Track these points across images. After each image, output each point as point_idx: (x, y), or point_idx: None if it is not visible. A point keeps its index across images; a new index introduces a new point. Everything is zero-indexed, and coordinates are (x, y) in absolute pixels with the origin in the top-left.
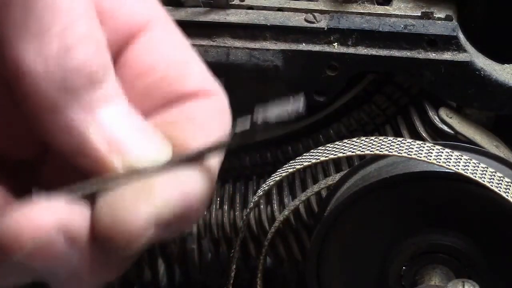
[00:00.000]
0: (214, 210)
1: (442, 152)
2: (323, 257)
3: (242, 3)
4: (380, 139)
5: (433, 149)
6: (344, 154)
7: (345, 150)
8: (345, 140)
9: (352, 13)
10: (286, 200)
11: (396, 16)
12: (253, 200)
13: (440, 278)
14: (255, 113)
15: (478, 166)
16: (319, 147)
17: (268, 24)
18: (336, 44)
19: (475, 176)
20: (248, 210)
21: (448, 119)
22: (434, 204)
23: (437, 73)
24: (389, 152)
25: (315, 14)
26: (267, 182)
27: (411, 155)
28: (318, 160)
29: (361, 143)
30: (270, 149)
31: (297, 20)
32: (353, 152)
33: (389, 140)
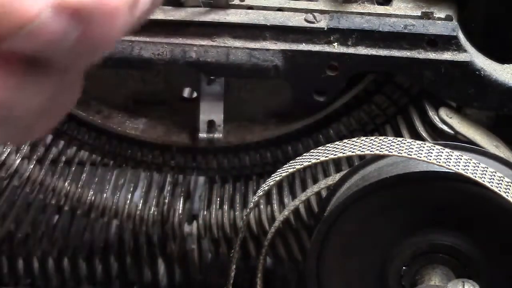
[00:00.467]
0: (214, 210)
1: (442, 152)
2: (323, 257)
3: (242, 3)
4: (380, 139)
5: (433, 149)
6: (344, 154)
7: (345, 150)
8: (345, 140)
9: (352, 13)
10: (286, 200)
11: (396, 16)
12: (253, 200)
13: (440, 278)
14: None
15: (478, 166)
16: (319, 147)
17: (268, 24)
18: (336, 44)
19: (475, 176)
20: (248, 210)
21: (448, 119)
22: (434, 204)
23: (437, 73)
24: (389, 152)
25: (315, 14)
26: (267, 182)
27: (411, 155)
28: (318, 160)
29: (361, 143)
30: (270, 149)
31: (297, 20)
32: (353, 152)
33: (389, 140)
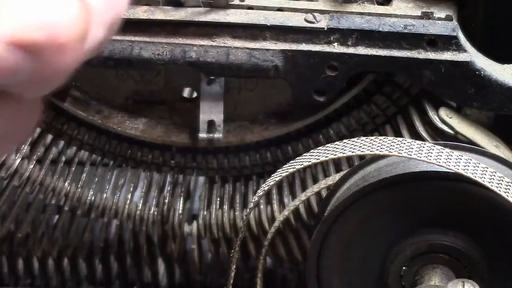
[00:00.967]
0: (214, 210)
1: (442, 152)
2: (323, 257)
3: (242, 3)
4: (380, 139)
5: (433, 149)
6: (344, 154)
7: (345, 150)
8: (345, 140)
9: (352, 13)
10: (286, 200)
11: (396, 16)
12: (253, 200)
13: (440, 278)
14: None
15: (478, 166)
16: (319, 147)
17: (268, 24)
18: (336, 44)
19: (475, 176)
20: (248, 210)
21: (448, 119)
22: (434, 204)
23: (437, 73)
24: (389, 152)
25: (315, 14)
26: (267, 182)
27: (411, 155)
28: (318, 160)
29: (361, 143)
30: (270, 149)
31: (297, 20)
32: (353, 152)
33: (389, 140)
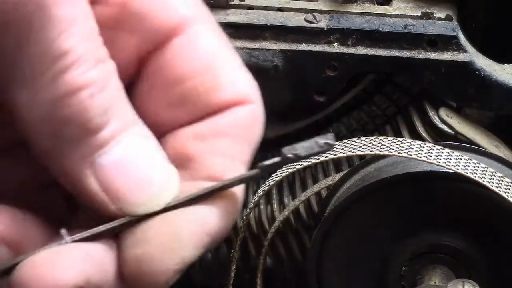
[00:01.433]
0: None
1: (442, 152)
2: (323, 257)
3: (242, 3)
4: (380, 139)
5: (433, 149)
6: (344, 154)
7: (345, 150)
8: (345, 140)
9: (352, 13)
10: (286, 200)
11: (396, 16)
12: (253, 200)
13: (440, 278)
14: (285, 149)
15: (478, 166)
16: None
17: (268, 24)
18: (336, 44)
19: (475, 176)
20: (248, 210)
21: (448, 119)
22: (434, 204)
23: (437, 73)
24: (389, 152)
25: (315, 14)
26: (267, 182)
27: (411, 155)
28: (318, 160)
29: (361, 143)
30: (270, 149)
31: (297, 20)
32: (353, 152)
33: (389, 140)
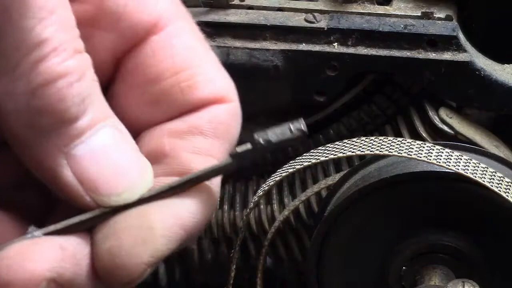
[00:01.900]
0: None
1: (442, 152)
2: (323, 257)
3: (242, 3)
4: (380, 139)
5: (433, 149)
6: (344, 154)
7: (345, 150)
8: (345, 140)
9: (352, 13)
10: (286, 200)
11: (396, 16)
12: (253, 200)
13: (440, 278)
14: (256, 134)
15: (478, 166)
16: (319, 147)
17: (268, 24)
18: (336, 44)
19: (475, 176)
20: (248, 210)
21: (448, 119)
22: (434, 204)
23: (437, 73)
24: (389, 152)
25: (315, 14)
26: (267, 182)
27: (411, 155)
28: (318, 160)
29: (361, 143)
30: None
31: (297, 20)
32: (353, 152)
33: (389, 140)
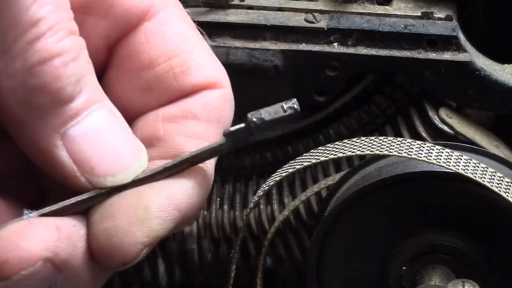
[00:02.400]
0: (214, 210)
1: (442, 152)
2: (323, 257)
3: (242, 3)
4: (380, 139)
5: (433, 149)
6: (344, 154)
7: (345, 150)
8: (345, 140)
9: (352, 13)
10: (286, 200)
11: (396, 16)
12: (253, 200)
13: (440, 278)
14: (249, 114)
15: (478, 166)
16: (319, 147)
17: (268, 24)
18: (336, 44)
19: (475, 176)
20: (248, 210)
21: (448, 119)
22: (434, 204)
23: (437, 73)
24: (389, 152)
25: (315, 14)
26: (267, 182)
27: (411, 155)
28: (318, 160)
29: (361, 143)
30: (270, 149)
31: (297, 20)
32: (353, 152)
33: (389, 140)
